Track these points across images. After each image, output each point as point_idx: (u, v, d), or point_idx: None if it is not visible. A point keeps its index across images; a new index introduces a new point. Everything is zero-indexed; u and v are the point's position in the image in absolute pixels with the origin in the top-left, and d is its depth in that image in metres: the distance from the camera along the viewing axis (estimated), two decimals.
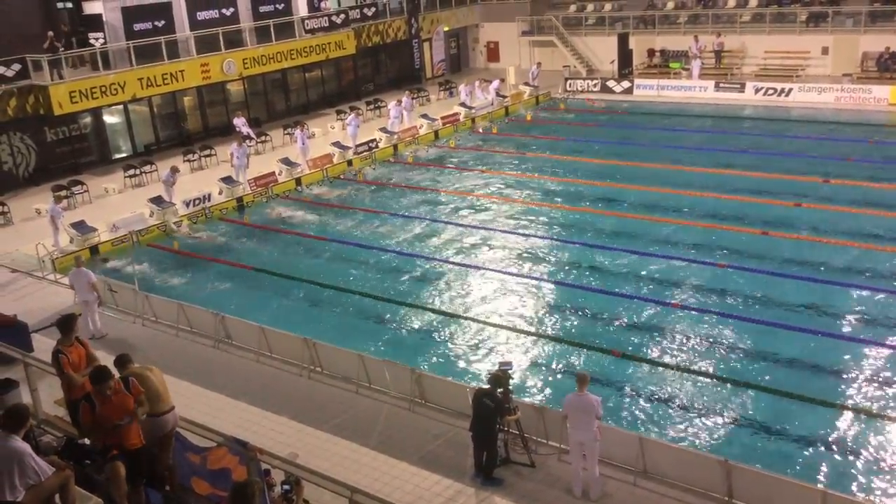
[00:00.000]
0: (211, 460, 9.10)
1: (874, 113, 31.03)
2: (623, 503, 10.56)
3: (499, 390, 11.10)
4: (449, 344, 15.81)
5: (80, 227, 21.63)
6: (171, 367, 9.36)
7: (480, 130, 33.22)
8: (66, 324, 10.08)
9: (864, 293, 16.59)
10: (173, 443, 9.10)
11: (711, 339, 15.17)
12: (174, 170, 24.25)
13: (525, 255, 19.97)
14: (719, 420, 12.74)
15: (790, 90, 33.47)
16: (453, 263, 19.61)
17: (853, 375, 13.72)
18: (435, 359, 15.09)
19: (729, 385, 13.63)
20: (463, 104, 34.40)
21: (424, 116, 32.75)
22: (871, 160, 25.33)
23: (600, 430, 10.56)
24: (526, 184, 25.69)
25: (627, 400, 13.43)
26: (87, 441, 9.19)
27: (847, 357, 14.28)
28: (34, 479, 7.23)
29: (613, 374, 14.18)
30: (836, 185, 23.04)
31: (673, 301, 16.69)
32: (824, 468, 11.45)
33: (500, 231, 21.52)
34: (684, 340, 15.20)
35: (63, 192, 24.14)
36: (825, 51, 35.67)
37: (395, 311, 17.23)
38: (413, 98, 35.25)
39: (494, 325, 16.28)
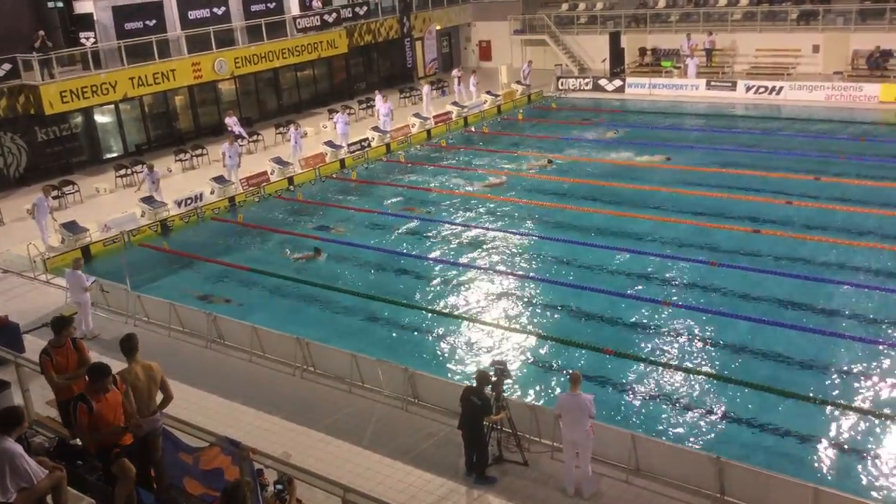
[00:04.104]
0: (203, 460, 9.09)
1: (865, 111, 31.16)
2: (615, 501, 10.59)
3: (487, 388, 11.10)
4: (442, 343, 15.81)
5: (71, 227, 21.57)
6: (163, 368, 9.30)
7: (472, 129, 33.24)
8: (57, 325, 10.05)
9: (856, 290, 16.66)
10: (158, 444, 9.06)
11: (702, 337, 15.21)
12: (150, 168, 24.27)
13: (517, 253, 20.00)
14: (712, 417, 12.78)
15: (781, 88, 33.61)
16: (445, 262, 19.61)
17: (843, 372, 13.76)
18: (428, 358, 15.07)
19: (720, 382, 13.66)
20: (456, 103, 34.42)
21: (417, 115, 32.74)
22: (862, 158, 25.43)
23: (593, 429, 10.59)
24: (517, 182, 25.69)
25: (620, 397, 13.44)
26: (78, 442, 9.17)
27: (836, 353, 14.35)
28: (26, 481, 7.21)
29: (606, 371, 14.19)
30: (827, 183, 23.13)
31: (663, 299, 16.72)
32: (816, 465, 11.50)
33: (492, 229, 21.52)
34: (675, 338, 15.23)
35: (55, 192, 24.08)
36: (816, 49, 35.82)
37: (386, 310, 17.21)
38: (403, 97, 35.27)
39: (487, 324, 16.29)
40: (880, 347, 14.41)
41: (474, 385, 11.14)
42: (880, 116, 30.76)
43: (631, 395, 13.51)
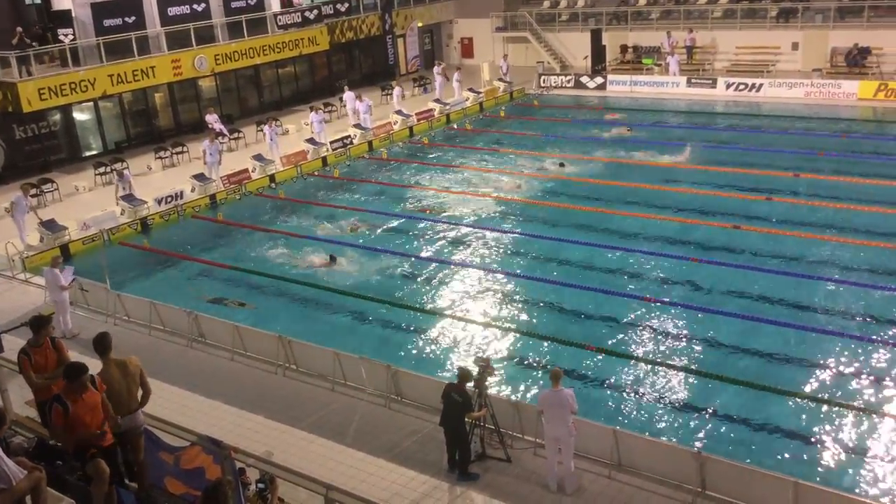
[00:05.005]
0: (184, 460, 9.03)
1: (843, 107, 31.40)
2: (598, 496, 10.63)
3: (469, 385, 11.11)
4: (425, 340, 15.80)
5: (50, 225, 21.36)
6: (144, 367, 9.24)
7: (455, 127, 33.22)
8: (36, 324, 9.96)
9: (834, 286, 16.81)
10: (141, 443, 9.01)
11: (683, 333, 15.28)
12: (119, 174, 24.12)
13: (499, 250, 20.02)
14: (693, 412, 12.84)
15: (761, 85, 33.82)
16: (428, 259, 19.60)
17: (823, 367, 13.88)
18: (411, 355, 15.06)
19: (701, 377, 13.74)
20: (438, 100, 34.41)
21: (399, 112, 32.67)
22: (841, 154, 25.66)
23: (575, 425, 10.61)
24: (499, 179, 25.71)
25: (602, 393, 13.50)
26: (57, 442, 9.09)
27: (815, 348, 14.45)
28: (5, 483, 7.14)
29: (588, 368, 14.24)
30: (806, 179, 23.32)
31: (646, 295, 16.79)
32: (796, 459, 11.58)
33: (474, 227, 21.53)
34: (657, 334, 15.30)
35: (33, 190, 23.85)
36: (795, 46, 36.08)
37: (370, 308, 17.17)
38: (385, 94, 35.17)
39: (470, 321, 16.29)
40: (860, 343, 14.53)
41: (455, 382, 11.14)
42: (858, 113, 31.02)
43: (613, 391, 13.57)
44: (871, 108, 31.34)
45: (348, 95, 32.95)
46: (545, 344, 15.23)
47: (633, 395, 13.44)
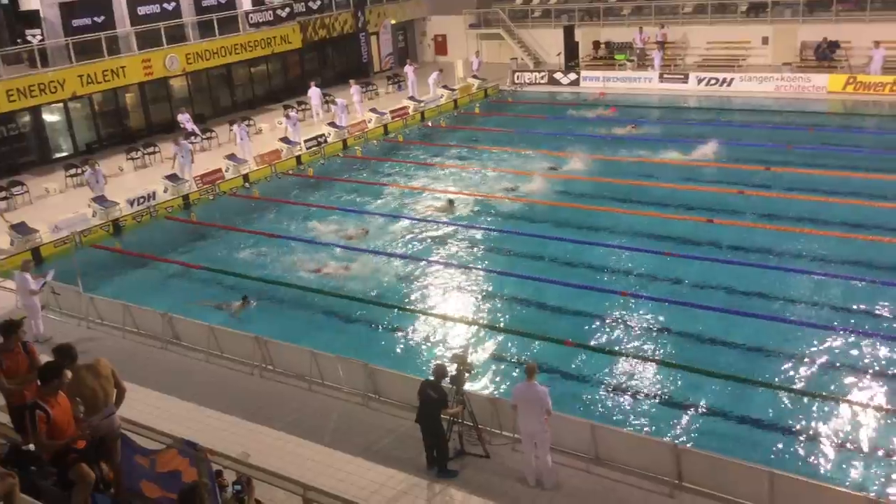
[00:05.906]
0: (160, 463, 8.93)
1: (813, 101, 31.75)
2: (576, 490, 10.67)
3: (446, 382, 11.10)
4: (402, 338, 15.78)
5: (20, 228, 21.08)
6: (119, 370, 9.14)
7: (430, 124, 33.19)
8: (7, 328, 9.84)
9: (805, 277, 17.00)
10: (118, 447, 8.93)
11: (659, 326, 15.38)
12: (91, 164, 23.78)
13: (475, 247, 20.05)
14: (670, 405, 12.93)
15: (732, 80, 34.11)
16: (404, 257, 19.58)
17: (796, 357, 14.02)
18: (388, 353, 15.03)
19: (677, 370, 13.82)
20: (412, 98, 34.36)
21: (373, 110, 32.60)
22: (811, 147, 25.94)
23: (548, 421, 10.57)
24: (474, 177, 25.74)
25: (580, 388, 13.54)
26: (31, 447, 8.98)
27: (788, 339, 14.60)
28: None
29: (566, 363, 14.29)
30: (777, 173, 23.56)
31: (621, 290, 16.88)
32: (771, 449, 11.69)
33: (450, 224, 21.54)
34: (633, 328, 15.40)
35: (3, 193, 23.54)
36: (765, 41, 36.44)
37: (348, 307, 17.12)
38: (363, 91, 35.13)
39: (446, 318, 16.29)
40: (831, 332, 14.71)
41: (431, 378, 11.13)
42: (828, 106, 31.40)
43: (590, 386, 13.62)
44: (841, 101, 31.71)
45: (314, 92, 32.86)
46: (523, 340, 15.23)
47: (610, 389, 13.50)
